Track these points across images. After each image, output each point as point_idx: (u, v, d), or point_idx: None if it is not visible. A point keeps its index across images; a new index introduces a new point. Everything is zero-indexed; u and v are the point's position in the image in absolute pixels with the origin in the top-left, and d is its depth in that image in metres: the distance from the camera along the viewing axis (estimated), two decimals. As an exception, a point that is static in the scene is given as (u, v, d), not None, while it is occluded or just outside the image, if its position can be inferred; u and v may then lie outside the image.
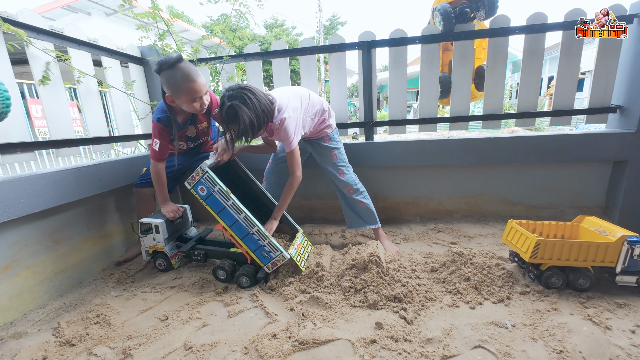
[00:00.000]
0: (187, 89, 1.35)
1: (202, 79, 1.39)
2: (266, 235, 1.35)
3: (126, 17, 9.61)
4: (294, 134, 1.40)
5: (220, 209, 1.36)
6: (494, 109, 1.99)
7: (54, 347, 1.08)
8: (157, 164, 1.56)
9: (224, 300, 1.31)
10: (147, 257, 1.62)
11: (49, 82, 1.49)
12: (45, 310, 1.34)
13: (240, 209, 1.35)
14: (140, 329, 1.16)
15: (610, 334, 1.01)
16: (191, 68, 1.36)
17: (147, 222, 1.54)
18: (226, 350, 1.02)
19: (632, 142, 1.76)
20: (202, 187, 1.36)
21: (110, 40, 1.91)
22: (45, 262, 1.43)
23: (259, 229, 1.35)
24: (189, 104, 1.40)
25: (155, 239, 1.55)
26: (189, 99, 1.38)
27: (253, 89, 1.31)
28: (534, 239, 1.23)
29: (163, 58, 1.34)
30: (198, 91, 1.38)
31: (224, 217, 1.37)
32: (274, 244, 1.35)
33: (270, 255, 1.36)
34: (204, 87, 1.40)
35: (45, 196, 1.36)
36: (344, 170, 1.67)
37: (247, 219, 1.35)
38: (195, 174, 1.35)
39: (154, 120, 1.52)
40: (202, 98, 1.41)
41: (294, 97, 1.45)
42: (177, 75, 1.33)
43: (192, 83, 1.35)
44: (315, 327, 1.08)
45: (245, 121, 1.26)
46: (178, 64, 1.33)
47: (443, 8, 1.86)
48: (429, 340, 1.02)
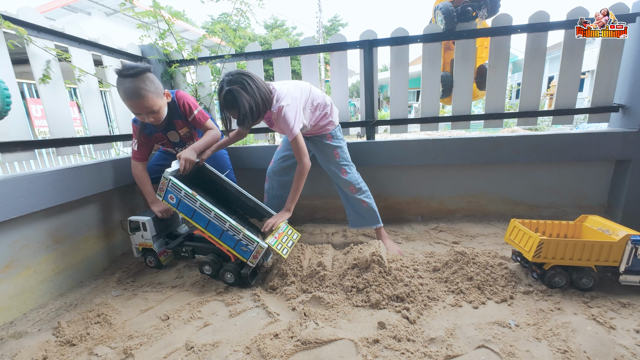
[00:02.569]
0: (126, 103, 1.37)
1: (145, 101, 1.35)
2: (240, 229, 1.33)
3: (126, 17, 9.62)
4: (295, 122, 1.37)
5: (192, 212, 1.37)
6: (495, 108, 1.99)
7: (54, 347, 1.07)
8: (137, 164, 1.60)
9: (226, 299, 1.30)
10: (137, 254, 1.62)
11: (50, 80, 1.49)
12: (46, 309, 1.34)
13: (209, 208, 1.34)
14: (141, 328, 1.15)
15: (614, 334, 1.00)
16: (138, 87, 1.32)
17: (135, 219, 1.54)
18: (228, 350, 1.02)
19: (634, 141, 1.76)
20: (171, 196, 1.38)
21: (111, 39, 1.91)
22: (45, 261, 1.42)
23: (231, 224, 1.34)
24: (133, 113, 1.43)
25: (143, 237, 1.55)
26: (131, 110, 1.40)
27: (252, 75, 1.30)
28: (537, 238, 1.22)
29: (129, 64, 1.33)
30: (137, 110, 1.38)
31: (198, 220, 1.38)
32: (249, 236, 1.33)
33: (249, 248, 1.35)
34: (144, 109, 1.38)
35: (46, 195, 1.35)
36: (346, 169, 1.66)
37: (217, 216, 1.34)
38: (162, 184, 1.37)
39: (132, 122, 1.58)
40: (145, 116, 1.41)
41: (294, 88, 1.44)
42: (120, 89, 1.34)
43: (131, 102, 1.35)
44: (317, 326, 1.08)
45: (245, 106, 1.25)
46: (130, 77, 1.31)
47: (445, 7, 1.86)
48: (432, 340, 1.01)
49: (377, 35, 1.96)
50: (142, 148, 1.59)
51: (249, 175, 2.15)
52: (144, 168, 1.62)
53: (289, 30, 20.11)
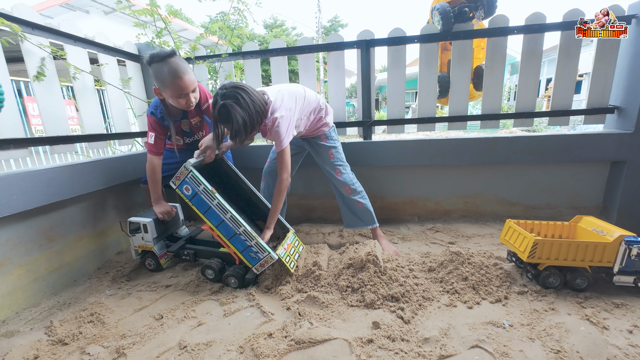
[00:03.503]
0: (173, 84, 1.34)
1: (190, 76, 1.37)
2: (253, 236, 1.32)
3: (125, 16, 9.57)
4: (286, 134, 1.36)
5: (206, 209, 1.33)
6: (492, 108, 1.99)
7: (46, 346, 1.06)
8: (153, 158, 1.54)
9: (220, 299, 1.29)
10: (136, 256, 1.60)
11: (44, 78, 1.48)
12: (39, 308, 1.32)
13: (226, 209, 1.31)
14: (135, 328, 1.15)
15: (607, 334, 1.00)
16: (180, 64, 1.34)
17: (135, 221, 1.53)
18: (221, 349, 1.01)
19: (629, 143, 1.76)
20: (187, 187, 1.33)
21: (107, 37, 1.90)
22: (39, 260, 1.41)
23: (245, 229, 1.32)
24: (175, 99, 1.39)
25: (144, 238, 1.54)
26: (174, 94, 1.37)
27: (247, 88, 1.28)
28: (532, 239, 1.22)
29: (156, 51, 1.33)
30: (184, 88, 1.36)
31: (210, 217, 1.34)
32: (262, 245, 1.32)
33: (258, 256, 1.33)
34: (191, 85, 1.38)
35: (40, 193, 1.34)
36: (341, 169, 1.66)
37: (233, 219, 1.32)
38: (180, 173, 1.32)
39: (148, 114, 1.52)
40: (189, 95, 1.39)
41: (289, 97, 1.41)
42: (165, 70, 1.32)
43: (178, 80, 1.33)
44: (311, 326, 1.07)
45: (238, 121, 1.24)
46: (168, 59, 1.32)
47: (442, 7, 1.86)
48: (426, 339, 1.01)
49: (374, 35, 1.97)
50: (158, 141, 1.53)
51: (247, 175, 2.14)
52: (159, 164, 1.56)
53: (289, 31, 20.12)
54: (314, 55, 2.09)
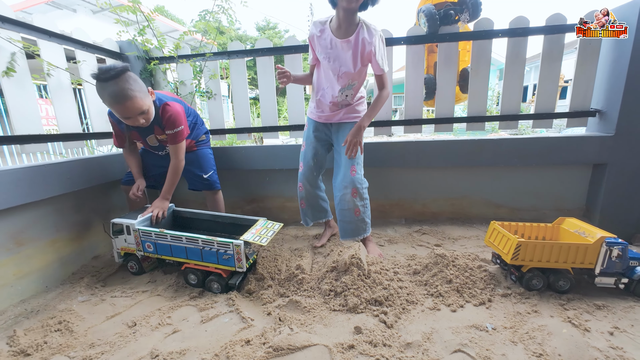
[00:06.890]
0: (113, 108, 1.31)
1: (134, 102, 1.29)
2: (211, 240, 1.30)
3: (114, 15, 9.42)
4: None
5: (169, 249, 1.39)
6: (477, 111, 2.00)
7: (6, 357, 0.99)
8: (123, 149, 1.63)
9: (199, 304, 1.24)
10: (118, 259, 1.54)
11: (14, 74, 1.41)
12: (4, 317, 1.25)
13: (179, 236, 1.35)
14: (105, 336, 1.09)
15: (589, 336, 1.00)
16: (125, 88, 1.26)
17: (118, 222, 1.47)
18: (195, 357, 0.96)
19: (610, 146, 1.79)
20: (148, 244, 1.43)
21: (87, 34, 1.83)
22: (6, 265, 1.33)
23: (203, 239, 1.32)
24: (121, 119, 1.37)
25: (127, 240, 1.48)
26: (118, 115, 1.34)
27: None
28: (515, 241, 1.21)
29: (105, 67, 1.26)
30: (125, 113, 1.31)
31: (177, 253, 1.39)
32: (222, 241, 1.29)
33: (228, 252, 1.30)
34: (135, 110, 1.32)
35: (6, 194, 1.27)
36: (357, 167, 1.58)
37: (189, 239, 1.34)
38: (135, 238, 1.43)
39: (108, 115, 1.54)
40: (136, 118, 1.34)
41: None
42: (105, 93, 1.27)
43: (119, 105, 1.29)
44: (291, 332, 1.04)
45: None
46: (113, 80, 1.25)
47: (428, 10, 1.87)
48: (409, 344, 0.99)
49: (361, 37, 1.95)
50: (119, 138, 1.59)
51: (230, 175, 2.10)
52: (129, 151, 1.63)
53: (282, 33, 20.13)
54: (301, 56, 2.07)
